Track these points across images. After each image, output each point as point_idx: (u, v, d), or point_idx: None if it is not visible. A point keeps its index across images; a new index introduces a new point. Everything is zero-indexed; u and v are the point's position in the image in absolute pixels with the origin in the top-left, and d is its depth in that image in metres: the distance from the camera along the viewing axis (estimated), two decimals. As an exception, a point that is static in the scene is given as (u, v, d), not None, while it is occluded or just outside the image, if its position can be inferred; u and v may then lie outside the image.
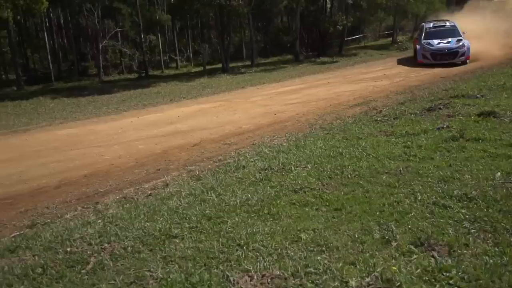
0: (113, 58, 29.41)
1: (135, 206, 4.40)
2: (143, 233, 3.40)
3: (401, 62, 19.56)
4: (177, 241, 3.19)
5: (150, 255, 3.02)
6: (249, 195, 3.97)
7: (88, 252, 3.25)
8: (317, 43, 30.43)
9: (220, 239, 3.11)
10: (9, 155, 7.86)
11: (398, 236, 2.86)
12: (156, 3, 28.10)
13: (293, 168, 4.72)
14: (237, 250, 2.91)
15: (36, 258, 3.32)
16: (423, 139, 5.37)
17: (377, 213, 3.32)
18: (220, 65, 25.87)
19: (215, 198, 4.04)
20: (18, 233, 4.48)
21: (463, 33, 17.20)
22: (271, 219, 3.41)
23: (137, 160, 7.04)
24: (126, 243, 3.29)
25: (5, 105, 15.63)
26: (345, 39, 30.99)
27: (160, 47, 29.33)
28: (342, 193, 3.81)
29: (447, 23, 18.33)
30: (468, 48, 16.43)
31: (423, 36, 17.76)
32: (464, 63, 16.30)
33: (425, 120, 6.58)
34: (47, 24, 29.04)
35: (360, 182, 4.03)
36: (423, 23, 19.96)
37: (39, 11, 15.67)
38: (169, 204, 4.15)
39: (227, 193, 4.17)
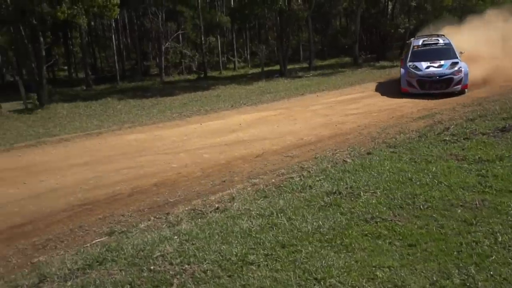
0: (173, 59, 30.46)
1: (207, 223, 4.59)
2: (220, 257, 3.58)
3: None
4: (254, 268, 3.33)
5: (230, 282, 3.18)
6: (320, 222, 4.04)
7: (171, 273, 3.46)
8: (377, 45, 29.76)
9: (296, 270, 3.21)
10: (85, 159, 8.40)
11: (480, 283, 2.82)
12: (217, 6, 28.75)
13: (362, 193, 4.73)
14: (314, 284, 3.00)
15: (123, 273, 3.59)
16: (498, 167, 5.16)
17: (455, 253, 3.27)
18: (277, 67, 26.02)
19: (286, 223, 4.14)
20: (98, 239, 4.84)
21: (461, 53, 13.63)
22: (345, 251, 3.47)
23: (203, 170, 7.29)
24: (205, 266, 3.47)
25: (78, 106, 16.64)
26: (406, 42, 30.06)
27: (219, 48, 29.96)
28: (416, 226, 3.79)
29: (440, 40, 14.48)
30: (466, 74, 12.74)
31: (409, 57, 13.97)
32: (461, 93, 12.81)
33: (499, 143, 6.31)
34: (114, 26, 30.56)
35: (434, 215, 3.98)
36: (412, 39, 16.08)
37: (110, 18, 16.65)
38: (241, 224, 4.30)
39: (297, 218, 4.26)
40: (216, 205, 5.44)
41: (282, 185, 5.85)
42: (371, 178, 5.28)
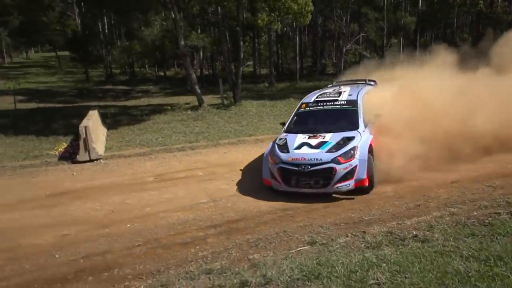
0: (350, 59, 30.56)
1: (414, 255, 4.59)
2: (440, 300, 3.60)
3: None
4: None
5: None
6: (553, 284, 3.71)
7: (392, 305, 3.63)
8: None
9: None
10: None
11: None
12: (402, 7, 27.66)
13: None
14: None
15: (336, 293, 3.91)
16: None
17: None
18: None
19: (510, 275, 3.90)
20: (302, 247, 5.29)
21: (378, 115, 7.94)
22: None
23: (395, 191, 7.23)
24: (425, 307, 3.54)
25: (264, 104, 18.00)
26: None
27: (400, 49, 28.82)
28: None
29: (344, 95, 8.52)
30: (363, 161, 7.09)
31: (287, 124, 8.51)
32: (367, 191, 7.25)
33: None
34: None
35: None
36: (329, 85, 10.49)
37: (303, 23, 17.62)
38: (454, 265, 4.20)
39: (522, 272, 3.97)
40: (414, 232, 5.40)
41: (488, 221, 5.49)
42: None
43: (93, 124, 10.97)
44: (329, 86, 10.26)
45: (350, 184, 7.03)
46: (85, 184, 8.57)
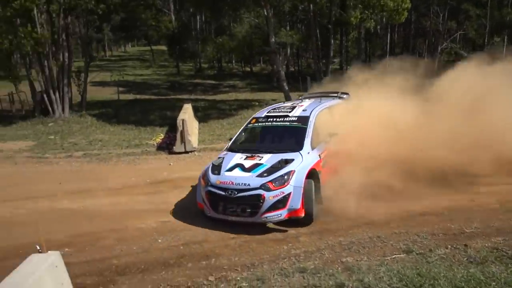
0: (444, 58, 28.86)
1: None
2: None
3: None
4: None
5: None
6: None
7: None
8: None
9: None
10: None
11: None
12: (509, 3, 25.39)
13: None
14: None
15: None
16: None
17: None
18: None
19: None
20: (397, 255, 5.12)
21: (333, 134, 7.04)
22: None
23: (500, 202, 6.73)
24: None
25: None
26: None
27: (504, 49, 26.58)
28: None
29: (297, 109, 7.59)
30: (298, 188, 6.05)
31: (232, 141, 7.70)
32: (305, 222, 6.26)
33: None
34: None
35: None
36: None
37: (398, 21, 16.92)
38: None
39: None
40: (523, 253, 5.01)
41: None
42: None
43: (188, 117, 11.55)
44: (300, 97, 9.35)
45: (281, 214, 6.05)
46: (181, 174, 9.07)
